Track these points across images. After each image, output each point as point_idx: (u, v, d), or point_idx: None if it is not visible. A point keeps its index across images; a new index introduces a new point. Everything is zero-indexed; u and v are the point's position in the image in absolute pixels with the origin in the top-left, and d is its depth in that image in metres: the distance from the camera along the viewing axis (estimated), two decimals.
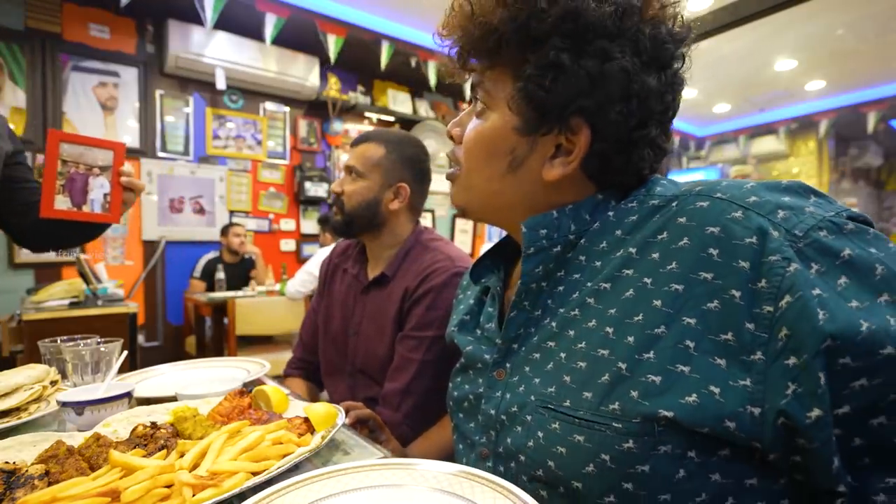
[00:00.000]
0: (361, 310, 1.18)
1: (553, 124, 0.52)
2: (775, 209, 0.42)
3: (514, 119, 0.53)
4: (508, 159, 0.55)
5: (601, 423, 0.45)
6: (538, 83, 0.50)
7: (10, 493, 0.49)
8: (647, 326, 0.45)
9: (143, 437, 0.61)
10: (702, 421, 0.40)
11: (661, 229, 0.47)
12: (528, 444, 0.51)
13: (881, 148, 6.79)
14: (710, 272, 0.42)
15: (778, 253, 0.39)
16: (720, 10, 2.74)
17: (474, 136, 0.57)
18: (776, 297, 0.39)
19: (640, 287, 0.47)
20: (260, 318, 3.09)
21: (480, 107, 0.57)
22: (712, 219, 0.44)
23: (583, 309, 0.51)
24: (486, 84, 0.55)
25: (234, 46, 3.73)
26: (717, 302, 0.41)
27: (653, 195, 0.52)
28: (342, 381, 1.20)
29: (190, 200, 3.86)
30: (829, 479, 0.39)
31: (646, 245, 0.48)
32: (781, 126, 6.25)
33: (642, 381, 0.43)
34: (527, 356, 0.56)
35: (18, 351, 2.41)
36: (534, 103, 0.51)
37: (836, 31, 4.00)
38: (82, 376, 0.86)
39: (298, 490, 0.50)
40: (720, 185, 0.46)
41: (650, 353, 0.44)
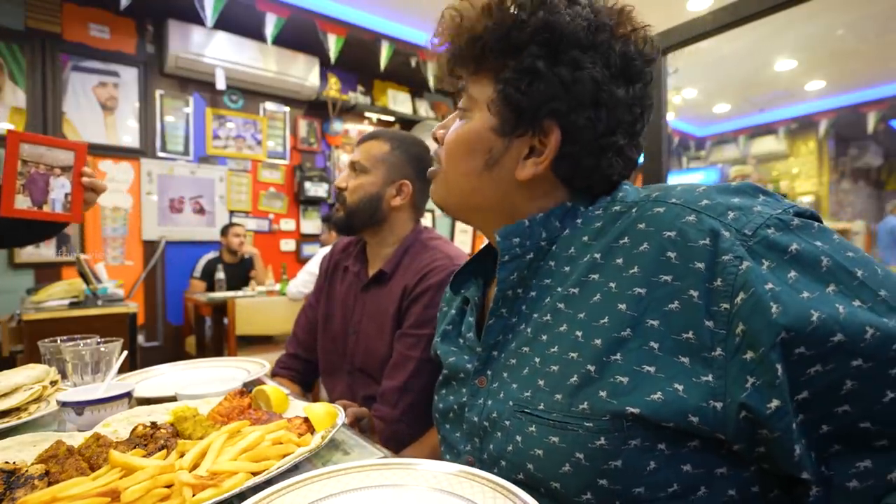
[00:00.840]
0: (361, 308, 1.18)
1: (527, 126, 0.56)
2: (726, 210, 0.44)
3: (493, 120, 0.57)
4: (485, 157, 0.58)
5: (573, 424, 0.47)
6: (516, 86, 0.54)
7: (10, 493, 0.49)
8: (613, 329, 0.47)
9: (143, 437, 0.61)
10: (666, 416, 0.42)
11: (623, 234, 0.50)
12: (508, 448, 0.52)
13: (881, 148, 6.79)
14: (669, 274, 0.45)
15: (730, 252, 0.42)
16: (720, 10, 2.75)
17: (455, 135, 0.60)
18: (731, 295, 0.41)
19: (605, 291, 0.49)
20: (260, 318, 3.09)
21: (462, 111, 0.60)
22: (668, 223, 0.46)
23: (554, 314, 0.53)
24: (470, 88, 0.59)
25: (234, 46, 3.73)
26: (677, 303, 0.44)
27: (615, 201, 0.55)
28: (341, 380, 1.20)
29: (190, 200, 3.86)
30: (792, 466, 0.40)
31: (609, 250, 0.51)
32: (781, 126, 6.25)
33: (610, 381, 0.45)
34: (505, 362, 0.57)
35: (18, 351, 2.41)
36: (511, 105, 0.55)
37: (836, 31, 4.00)
38: (82, 376, 0.86)
39: (298, 490, 0.50)
40: (675, 191, 0.50)
41: (617, 354, 0.46)
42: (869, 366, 0.38)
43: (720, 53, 4.24)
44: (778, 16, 1.33)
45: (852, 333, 0.38)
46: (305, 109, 4.42)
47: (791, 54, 4.50)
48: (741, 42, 4.00)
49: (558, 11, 0.52)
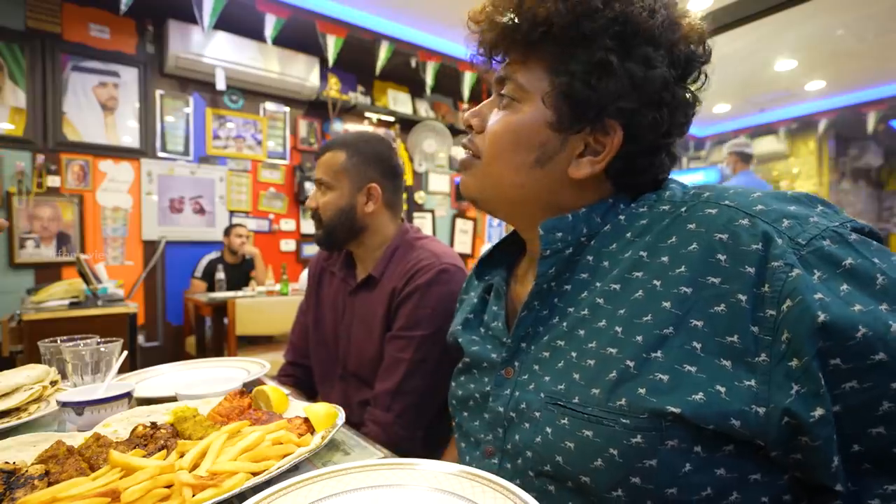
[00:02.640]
0: (351, 312, 1.17)
1: (587, 123, 0.53)
2: (781, 218, 0.43)
3: (548, 114, 0.54)
4: (537, 153, 0.55)
5: (609, 419, 0.46)
6: (584, 80, 0.51)
7: (10, 494, 0.49)
8: (655, 326, 0.46)
9: (143, 437, 0.61)
10: (707, 418, 0.42)
11: (671, 234, 0.49)
12: (535, 439, 0.52)
13: (881, 148, 6.78)
14: (717, 277, 0.44)
15: (781, 259, 0.41)
16: (720, 10, 2.74)
17: (503, 126, 0.56)
18: (779, 302, 0.40)
19: (649, 289, 0.48)
20: (260, 318, 3.09)
21: (507, 100, 0.56)
22: (720, 225, 0.45)
23: (593, 309, 0.52)
24: (518, 77, 0.55)
25: (234, 46, 3.73)
26: (723, 305, 0.43)
27: (662, 200, 0.53)
28: (335, 386, 1.19)
29: (190, 200, 3.86)
30: (828, 476, 0.40)
31: (655, 248, 0.50)
32: (781, 126, 6.25)
33: (650, 378, 0.45)
34: (536, 354, 0.57)
35: (18, 351, 2.41)
36: (573, 100, 0.52)
37: (836, 31, 4.00)
38: (82, 376, 0.86)
39: (298, 490, 0.50)
40: (728, 193, 0.48)
41: (658, 352, 0.45)
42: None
43: (720, 53, 4.21)
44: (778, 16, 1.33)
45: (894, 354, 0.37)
46: (305, 110, 4.42)
47: (791, 54, 4.50)
48: (741, 42, 4.00)
49: (633, 3, 0.50)
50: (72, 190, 3.37)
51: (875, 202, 7.33)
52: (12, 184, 3.16)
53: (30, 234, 3.22)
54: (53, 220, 3.30)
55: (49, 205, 3.28)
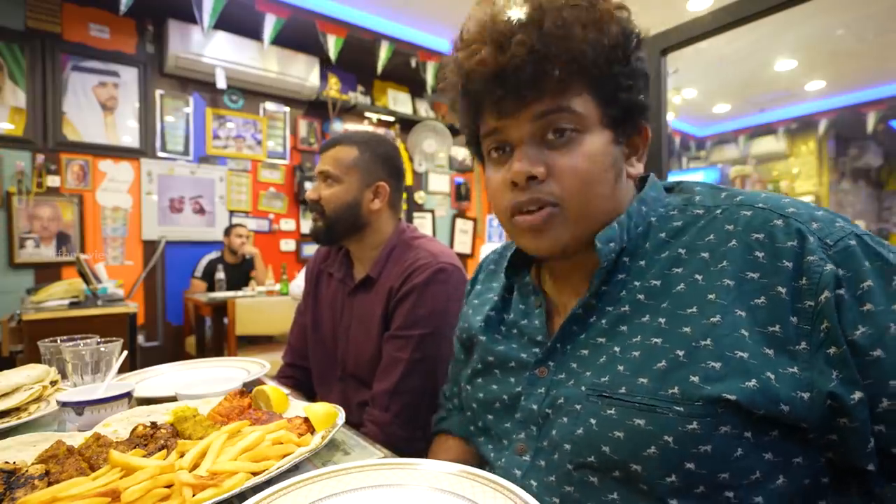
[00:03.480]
0: (349, 313, 1.17)
1: (633, 127, 0.57)
2: (810, 220, 0.47)
3: (608, 133, 0.55)
4: (614, 172, 0.56)
5: (662, 407, 0.47)
6: (627, 90, 0.54)
7: (10, 493, 0.49)
8: (702, 317, 0.48)
9: (143, 437, 0.61)
10: (760, 404, 0.44)
11: (708, 232, 0.53)
12: (576, 432, 0.53)
13: (881, 148, 6.78)
14: (756, 272, 0.47)
15: (815, 254, 0.45)
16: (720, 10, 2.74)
17: (586, 160, 0.53)
18: (816, 293, 0.44)
19: (691, 282, 0.51)
20: (260, 318, 3.08)
21: (569, 133, 0.53)
22: (756, 226, 0.49)
23: (634, 305, 0.54)
24: (576, 106, 0.53)
25: (234, 46, 3.73)
26: (763, 298, 0.46)
27: (695, 204, 0.57)
28: (334, 387, 1.19)
29: (190, 200, 3.86)
30: (864, 456, 0.44)
31: (694, 246, 0.53)
32: (781, 126, 6.25)
33: (702, 366, 0.46)
34: (574, 353, 0.58)
35: (18, 351, 2.41)
36: (624, 112, 0.55)
37: (835, 31, 4.00)
38: (82, 376, 0.86)
39: (298, 490, 0.50)
40: (760, 197, 0.52)
41: (707, 340, 0.47)
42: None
43: (720, 53, 4.23)
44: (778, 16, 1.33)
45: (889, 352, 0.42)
46: (305, 109, 4.42)
47: (791, 54, 4.50)
48: (741, 42, 4.00)
49: (621, 7, 0.54)
50: (72, 190, 3.37)
51: (875, 202, 7.33)
52: (12, 184, 3.16)
53: (30, 234, 3.22)
54: (53, 219, 3.30)
55: (49, 205, 3.28)
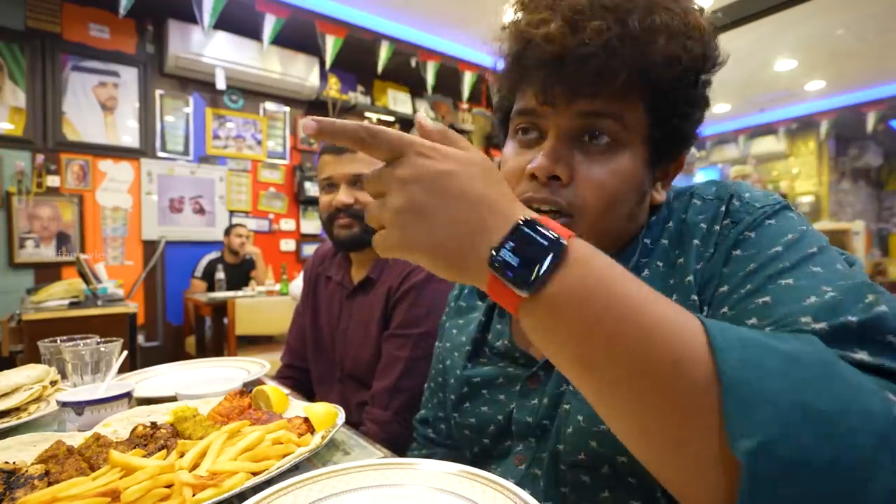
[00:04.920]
0: (348, 315, 1.17)
1: (672, 155, 0.55)
2: (747, 191, 0.51)
3: (646, 152, 0.51)
4: (638, 194, 0.53)
5: None
6: (682, 116, 0.51)
7: (10, 493, 0.49)
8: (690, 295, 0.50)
9: (143, 437, 0.61)
10: None
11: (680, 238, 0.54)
12: (567, 430, 0.53)
13: (881, 148, 6.78)
14: (697, 239, 0.51)
15: (729, 217, 0.49)
16: (720, 10, 2.74)
17: (616, 176, 0.50)
18: (721, 247, 0.48)
19: (654, 268, 0.53)
20: (260, 318, 3.08)
21: (607, 141, 0.49)
22: (703, 209, 0.52)
23: None
24: (626, 116, 0.49)
25: (234, 46, 3.73)
26: (701, 264, 0.49)
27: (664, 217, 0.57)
28: (333, 388, 1.19)
29: (190, 200, 3.86)
30: None
31: (662, 247, 0.55)
32: (781, 126, 6.25)
33: None
34: None
35: (18, 351, 2.41)
36: (670, 137, 0.52)
37: (835, 31, 4.00)
38: (82, 376, 0.86)
39: (298, 490, 0.50)
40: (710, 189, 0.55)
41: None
42: None
43: None
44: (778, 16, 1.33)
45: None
46: (305, 109, 4.42)
47: (791, 54, 4.50)
48: (741, 42, 4.00)
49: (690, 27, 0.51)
50: (71, 190, 3.37)
51: (875, 202, 7.33)
52: (12, 184, 3.16)
53: (29, 234, 3.22)
54: (53, 219, 3.30)
55: (49, 205, 3.28)
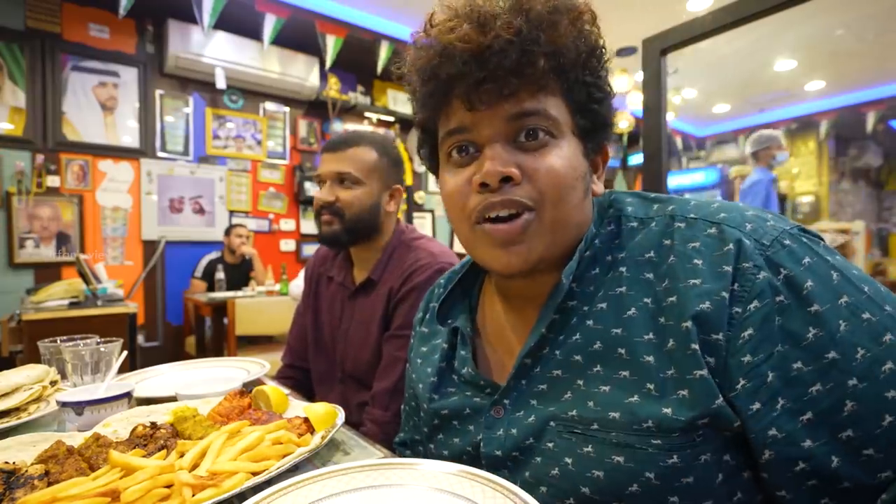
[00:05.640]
0: (349, 316, 1.17)
1: (598, 145, 0.55)
2: (743, 222, 0.47)
3: (579, 143, 0.53)
4: (584, 185, 0.53)
5: (640, 442, 0.45)
6: (598, 102, 0.52)
7: (10, 493, 0.49)
8: (661, 345, 0.47)
9: (143, 437, 0.61)
10: (728, 419, 0.43)
11: (648, 249, 0.51)
12: (552, 472, 0.50)
13: (881, 148, 6.78)
14: (698, 279, 0.46)
15: (751, 260, 0.44)
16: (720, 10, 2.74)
17: (563, 162, 0.50)
18: (746, 301, 0.43)
19: (641, 307, 0.49)
20: (260, 318, 3.08)
21: (544, 135, 0.50)
22: (691, 236, 0.48)
23: (585, 333, 0.52)
24: (551, 110, 0.50)
25: (234, 46, 3.73)
26: (708, 303, 0.44)
27: (628, 216, 0.55)
28: (333, 389, 1.20)
29: (190, 200, 3.86)
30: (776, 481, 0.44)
31: (635, 264, 0.51)
32: (781, 126, 6.25)
33: (673, 398, 0.45)
34: (530, 389, 0.54)
35: (18, 351, 2.41)
36: (594, 125, 0.53)
37: (835, 31, 4.00)
38: (82, 376, 0.86)
39: (298, 490, 0.50)
40: (689, 206, 0.51)
41: (671, 369, 0.46)
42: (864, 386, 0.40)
43: (720, 53, 4.23)
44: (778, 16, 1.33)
45: (844, 351, 0.41)
46: (305, 109, 4.42)
47: (791, 54, 4.50)
48: (741, 42, 4.00)
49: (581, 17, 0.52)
50: (71, 190, 3.37)
51: (875, 202, 7.32)
52: (12, 184, 3.16)
53: (29, 234, 3.22)
54: (53, 219, 3.30)
55: (49, 205, 3.28)
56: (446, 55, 0.48)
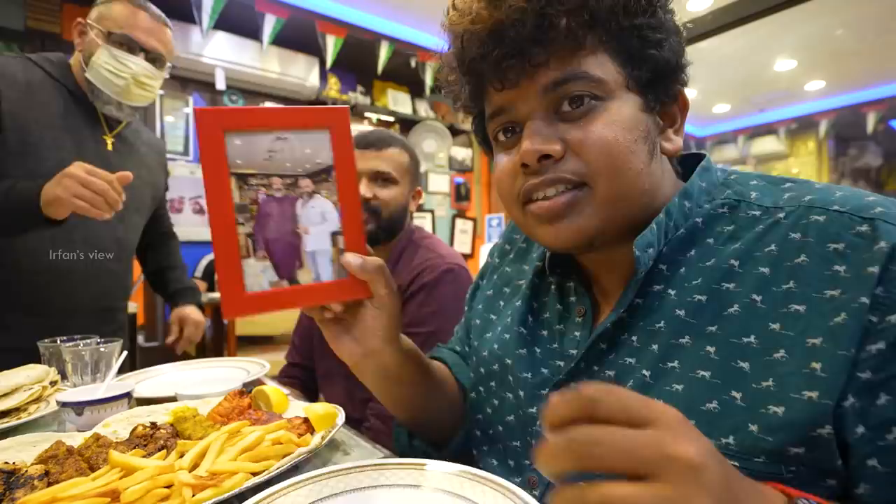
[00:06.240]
0: None
1: (668, 93, 0.48)
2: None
3: (637, 98, 0.47)
4: (648, 145, 0.47)
5: None
6: (657, 46, 0.45)
7: (10, 494, 0.49)
8: (764, 352, 0.40)
9: (143, 437, 0.61)
10: (833, 454, 0.37)
11: (768, 242, 0.43)
12: None
13: (881, 148, 6.78)
14: (836, 289, 0.38)
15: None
16: (720, 10, 2.73)
17: (615, 131, 0.45)
18: (886, 311, 0.36)
19: (747, 304, 0.42)
20: (260, 318, 3.08)
21: (589, 101, 0.45)
22: (834, 233, 0.40)
23: (671, 323, 0.46)
24: (592, 71, 0.45)
25: (234, 47, 3.73)
26: (844, 315, 0.37)
27: (750, 203, 0.47)
28: (339, 384, 1.20)
29: (190, 200, 3.86)
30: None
31: (749, 257, 0.44)
32: (781, 126, 6.25)
33: (762, 412, 0.39)
34: (599, 375, 0.50)
35: None
36: (656, 73, 0.46)
37: (835, 31, 4.00)
38: (82, 377, 0.86)
39: (298, 490, 0.50)
40: (835, 196, 0.43)
41: (769, 381, 0.39)
42: None
43: (720, 53, 4.23)
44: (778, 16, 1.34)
45: None
46: None
47: (791, 54, 4.50)
48: (741, 42, 4.00)
49: None
50: None
51: None
52: None
53: None
54: None
55: None
56: (466, 39, 0.46)
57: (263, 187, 0.48)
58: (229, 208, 0.46)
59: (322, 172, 0.50)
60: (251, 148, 0.47)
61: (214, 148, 0.46)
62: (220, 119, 0.46)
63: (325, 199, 0.50)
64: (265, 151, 0.48)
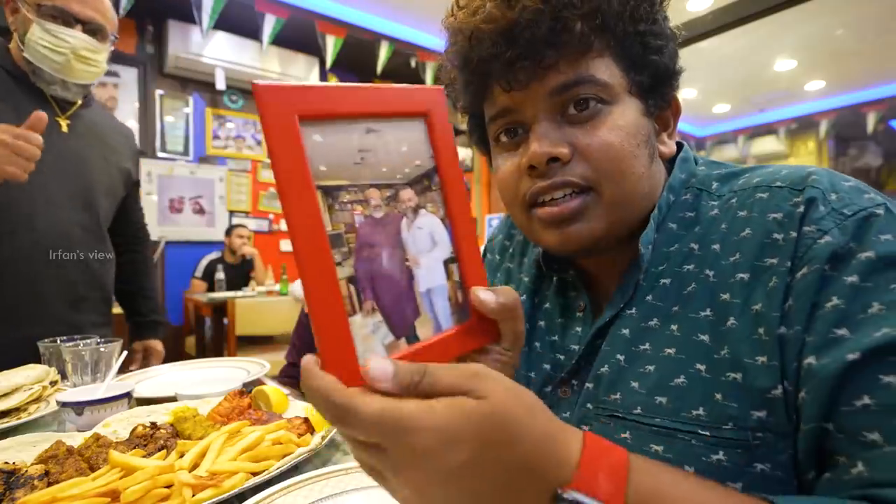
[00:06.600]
0: None
1: (664, 98, 0.49)
2: (831, 189, 0.41)
3: (638, 103, 0.47)
4: (648, 149, 0.48)
5: (684, 432, 0.41)
6: (658, 52, 0.46)
7: (10, 494, 0.49)
8: (718, 322, 0.42)
9: (143, 437, 0.61)
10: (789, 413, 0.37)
11: (721, 221, 0.46)
12: None
13: (881, 148, 6.78)
14: (775, 257, 0.40)
15: (815, 224, 0.39)
16: (720, 10, 2.74)
17: (620, 136, 0.45)
18: (794, 270, 0.38)
19: (702, 280, 0.44)
20: (260, 318, 3.08)
21: (595, 104, 0.45)
22: (774, 206, 0.42)
23: (642, 308, 0.47)
24: (599, 75, 0.45)
25: (234, 47, 3.73)
26: (775, 279, 0.40)
27: (710, 192, 0.49)
28: None
29: (190, 201, 3.86)
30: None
31: (706, 239, 0.46)
32: (781, 126, 6.25)
33: (723, 380, 0.40)
34: (596, 370, 0.50)
35: None
36: (655, 79, 0.47)
37: (835, 31, 4.00)
38: (82, 376, 0.86)
39: (298, 490, 0.50)
40: (780, 174, 0.45)
41: (725, 349, 0.41)
42: None
43: (720, 53, 4.23)
44: (778, 16, 1.33)
45: None
46: None
47: (791, 54, 4.50)
48: (741, 42, 4.00)
49: None
50: None
51: None
52: None
53: None
54: None
55: None
56: (475, 38, 0.45)
57: (359, 205, 0.32)
58: (323, 242, 0.29)
59: (423, 178, 0.35)
60: (337, 147, 0.31)
61: (289, 148, 0.29)
62: (291, 101, 0.29)
63: (431, 216, 0.35)
64: (355, 152, 0.32)
